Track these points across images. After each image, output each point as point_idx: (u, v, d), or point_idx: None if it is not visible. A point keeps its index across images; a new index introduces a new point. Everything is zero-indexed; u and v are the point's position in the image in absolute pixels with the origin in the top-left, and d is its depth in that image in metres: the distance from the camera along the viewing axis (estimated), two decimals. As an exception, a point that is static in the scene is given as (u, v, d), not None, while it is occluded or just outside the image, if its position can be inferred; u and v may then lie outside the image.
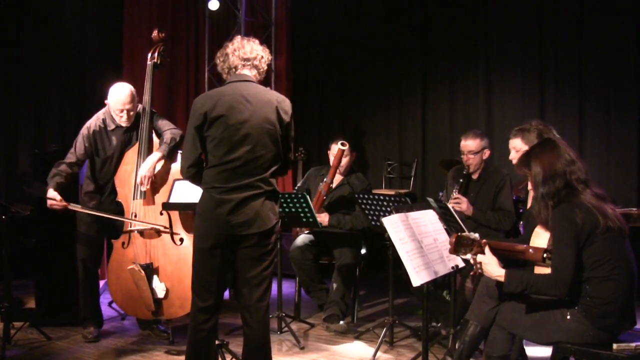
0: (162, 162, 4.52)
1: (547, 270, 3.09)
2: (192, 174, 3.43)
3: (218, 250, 3.37)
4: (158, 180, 4.53)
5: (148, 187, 4.48)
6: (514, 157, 4.01)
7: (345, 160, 5.30)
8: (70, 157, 4.65)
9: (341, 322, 4.96)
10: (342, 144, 5.17)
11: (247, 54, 3.43)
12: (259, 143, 3.33)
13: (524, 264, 3.47)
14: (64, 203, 4.49)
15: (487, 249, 3.09)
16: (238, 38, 3.52)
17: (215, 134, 3.33)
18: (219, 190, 3.33)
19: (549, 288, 2.98)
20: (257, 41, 3.53)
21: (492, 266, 3.08)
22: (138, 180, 4.47)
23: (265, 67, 3.53)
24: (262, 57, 3.49)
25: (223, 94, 3.38)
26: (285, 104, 3.44)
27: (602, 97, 6.42)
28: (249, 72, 3.46)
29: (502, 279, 3.06)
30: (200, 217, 3.41)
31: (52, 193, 4.49)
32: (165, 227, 4.44)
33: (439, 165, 6.90)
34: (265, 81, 8.41)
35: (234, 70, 3.46)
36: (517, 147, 4.00)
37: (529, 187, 3.38)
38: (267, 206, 3.38)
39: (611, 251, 2.99)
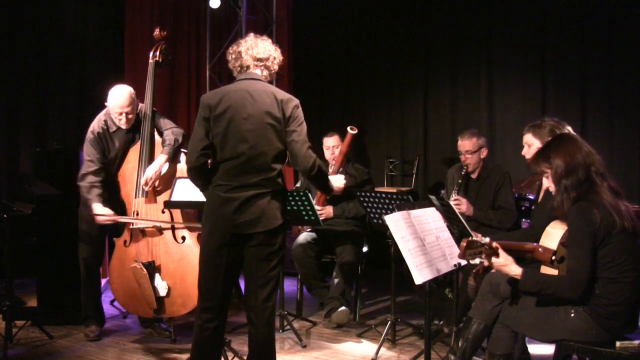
0: (167, 165, 4.52)
1: (553, 271, 3.09)
2: (200, 163, 3.37)
3: (224, 249, 3.35)
4: (163, 182, 4.53)
5: (151, 188, 4.48)
6: (526, 152, 4.00)
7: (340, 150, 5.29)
8: (91, 165, 4.58)
9: (342, 308, 4.93)
10: (352, 129, 5.13)
11: (260, 54, 3.43)
12: (261, 139, 3.32)
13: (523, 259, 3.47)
14: (116, 217, 4.50)
15: (501, 252, 3.07)
16: (251, 36, 3.51)
17: (219, 130, 3.33)
18: (225, 188, 3.33)
19: (564, 291, 2.96)
20: (269, 40, 3.53)
21: (509, 267, 3.06)
22: (143, 182, 4.47)
23: (277, 68, 3.53)
24: (275, 58, 3.49)
25: (229, 90, 3.40)
26: (291, 103, 3.40)
27: (604, 95, 6.40)
28: (260, 72, 3.46)
29: (519, 277, 3.05)
30: (206, 217, 3.40)
31: (101, 209, 4.47)
32: (172, 223, 4.44)
33: (440, 162, 6.89)
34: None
35: (245, 68, 3.45)
36: (529, 142, 3.98)
37: (546, 182, 3.30)
38: (274, 205, 3.35)
39: (624, 253, 2.96)
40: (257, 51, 3.43)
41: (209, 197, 3.40)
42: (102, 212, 4.48)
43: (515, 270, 3.05)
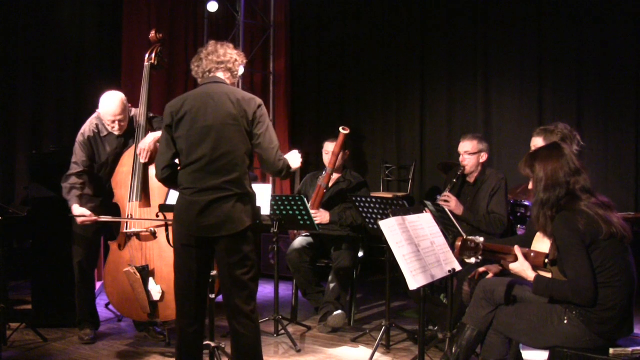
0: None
1: (547, 274, 3.11)
2: (166, 175, 3.46)
3: (192, 251, 3.38)
4: (155, 184, 4.52)
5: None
6: None
7: (339, 156, 5.28)
8: (75, 167, 4.61)
9: (337, 311, 4.92)
10: (343, 128, 5.12)
11: (221, 57, 3.49)
12: (222, 139, 3.33)
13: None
14: (95, 217, 4.50)
15: (519, 256, 3.13)
16: (212, 42, 3.58)
17: (181, 134, 3.37)
18: (190, 191, 3.36)
19: (572, 298, 3.00)
20: (231, 45, 3.59)
21: (526, 271, 3.14)
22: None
23: (239, 70, 3.59)
24: (236, 60, 3.54)
25: (191, 94, 3.47)
26: (252, 102, 3.40)
27: (599, 100, 6.42)
28: (222, 75, 3.52)
29: (532, 280, 3.13)
30: (174, 219, 3.45)
31: (79, 209, 4.49)
32: (163, 221, 4.42)
33: (436, 168, 6.90)
34: (264, 83, 8.48)
35: (207, 73, 3.52)
36: (538, 145, 3.97)
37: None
38: (239, 208, 3.35)
39: (612, 258, 2.98)
40: (218, 54, 3.49)
41: (177, 200, 3.45)
42: (80, 212, 4.49)
43: (530, 274, 3.12)
